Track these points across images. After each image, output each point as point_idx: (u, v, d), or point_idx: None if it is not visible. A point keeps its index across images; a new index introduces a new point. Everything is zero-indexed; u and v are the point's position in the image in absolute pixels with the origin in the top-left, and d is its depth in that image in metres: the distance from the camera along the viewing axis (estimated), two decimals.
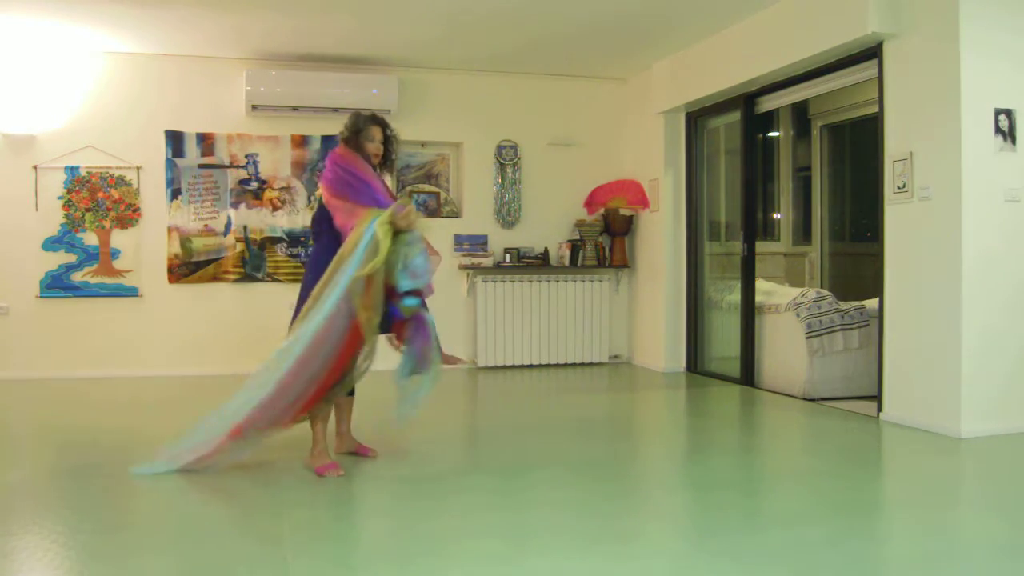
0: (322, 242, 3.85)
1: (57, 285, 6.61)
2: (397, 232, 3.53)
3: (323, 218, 3.84)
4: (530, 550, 2.80)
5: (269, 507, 3.31)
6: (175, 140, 6.82)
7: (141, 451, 4.35)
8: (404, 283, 3.54)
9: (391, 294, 3.57)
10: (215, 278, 6.91)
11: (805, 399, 5.70)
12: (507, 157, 7.51)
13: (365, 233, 3.53)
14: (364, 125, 3.89)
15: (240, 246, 6.94)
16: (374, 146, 3.90)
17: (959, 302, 4.44)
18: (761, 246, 6.88)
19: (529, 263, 7.42)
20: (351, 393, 4.05)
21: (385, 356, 3.74)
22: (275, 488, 3.54)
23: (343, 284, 3.49)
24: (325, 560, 2.71)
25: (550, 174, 7.61)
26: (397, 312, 3.59)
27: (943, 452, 4.22)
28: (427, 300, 3.76)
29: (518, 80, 7.50)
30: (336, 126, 4.05)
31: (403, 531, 3.10)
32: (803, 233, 8.18)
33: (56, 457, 4.26)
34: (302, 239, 6.97)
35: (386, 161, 4.01)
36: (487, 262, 7.29)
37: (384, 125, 3.95)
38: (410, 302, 3.57)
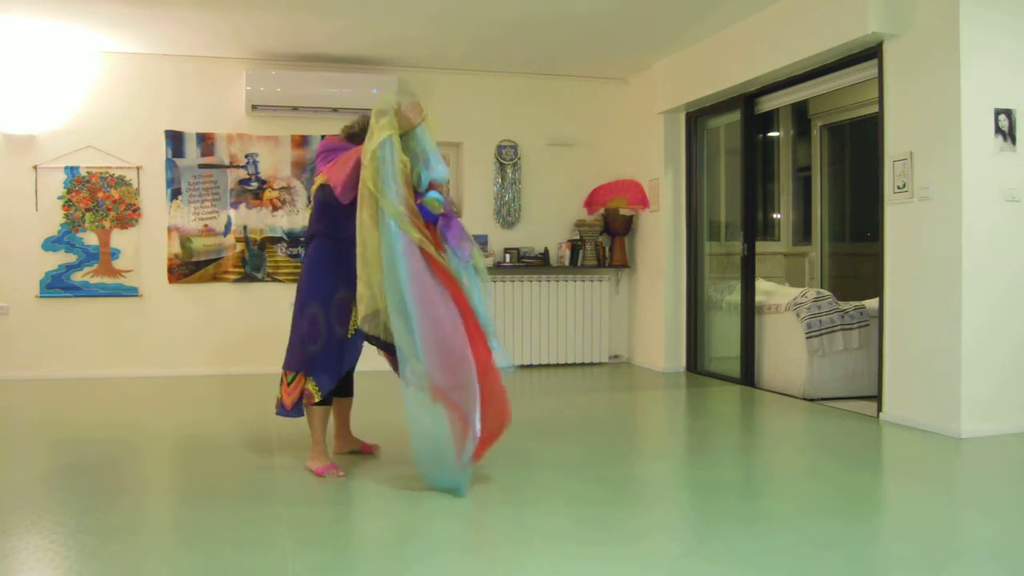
0: (319, 241, 3.85)
1: (57, 285, 6.61)
2: (407, 129, 3.58)
3: (321, 216, 3.83)
4: (530, 550, 2.80)
5: (268, 508, 3.30)
6: (175, 140, 6.82)
7: (141, 452, 4.36)
8: (424, 176, 3.57)
9: (415, 196, 3.57)
10: (215, 278, 6.91)
11: (805, 399, 5.70)
12: (507, 157, 7.51)
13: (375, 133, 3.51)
14: None
15: (240, 246, 6.94)
16: None
17: (959, 302, 4.44)
18: (761, 246, 6.87)
19: (529, 263, 7.42)
20: (350, 394, 4.05)
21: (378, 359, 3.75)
22: (275, 489, 3.54)
23: (391, 198, 3.41)
24: (325, 561, 2.71)
25: (550, 174, 7.61)
26: (426, 212, 3.57)
27: (943, 452, 4.22)
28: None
29: (518, 80, 7.50)
30: (336, 126, 4.06)
31: (403, 531, 3.10)
32: (803, 233, 8.18)
33: (56, 457, 4.26)
34: (302, 239, 6.96)
35: None
36: (487, 262, 7.28)
37: None
38: (433, 194, 3.58)
